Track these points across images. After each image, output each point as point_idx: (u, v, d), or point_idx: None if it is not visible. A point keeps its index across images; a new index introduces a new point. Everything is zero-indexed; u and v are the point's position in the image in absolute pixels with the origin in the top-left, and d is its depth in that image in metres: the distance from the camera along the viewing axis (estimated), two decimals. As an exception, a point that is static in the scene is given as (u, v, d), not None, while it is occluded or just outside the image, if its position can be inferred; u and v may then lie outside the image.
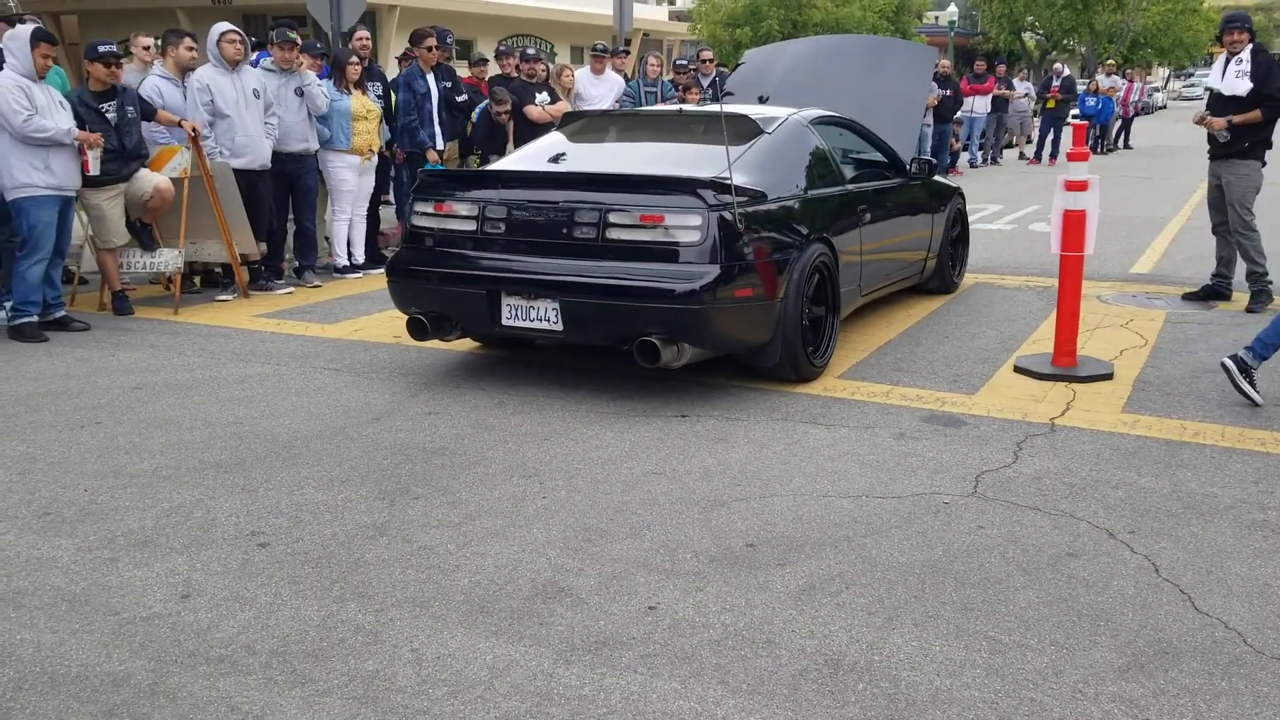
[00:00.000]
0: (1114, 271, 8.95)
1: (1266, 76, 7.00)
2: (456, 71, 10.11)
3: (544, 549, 3.54)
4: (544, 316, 5.13)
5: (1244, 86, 7.03)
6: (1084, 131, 6.41)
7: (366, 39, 9.24)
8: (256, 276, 8.03)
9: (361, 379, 5.65)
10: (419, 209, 5.54)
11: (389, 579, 3.33)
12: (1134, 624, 3.05)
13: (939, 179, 7.78)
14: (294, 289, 8.13)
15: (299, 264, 8.44)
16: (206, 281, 8.13)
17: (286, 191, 8.20)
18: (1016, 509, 3.89)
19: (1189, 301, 7.60)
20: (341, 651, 2.90)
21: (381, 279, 6.21)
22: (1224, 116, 7.16)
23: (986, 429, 4.80)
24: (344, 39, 10.19)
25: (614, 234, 5.02)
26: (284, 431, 4.77)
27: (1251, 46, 7.10)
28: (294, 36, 8.04)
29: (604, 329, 5.11)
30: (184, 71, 7.80)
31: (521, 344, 6.14)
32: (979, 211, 12.83)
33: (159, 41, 8.30)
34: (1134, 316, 7.14)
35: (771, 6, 33.46)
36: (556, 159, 5.94)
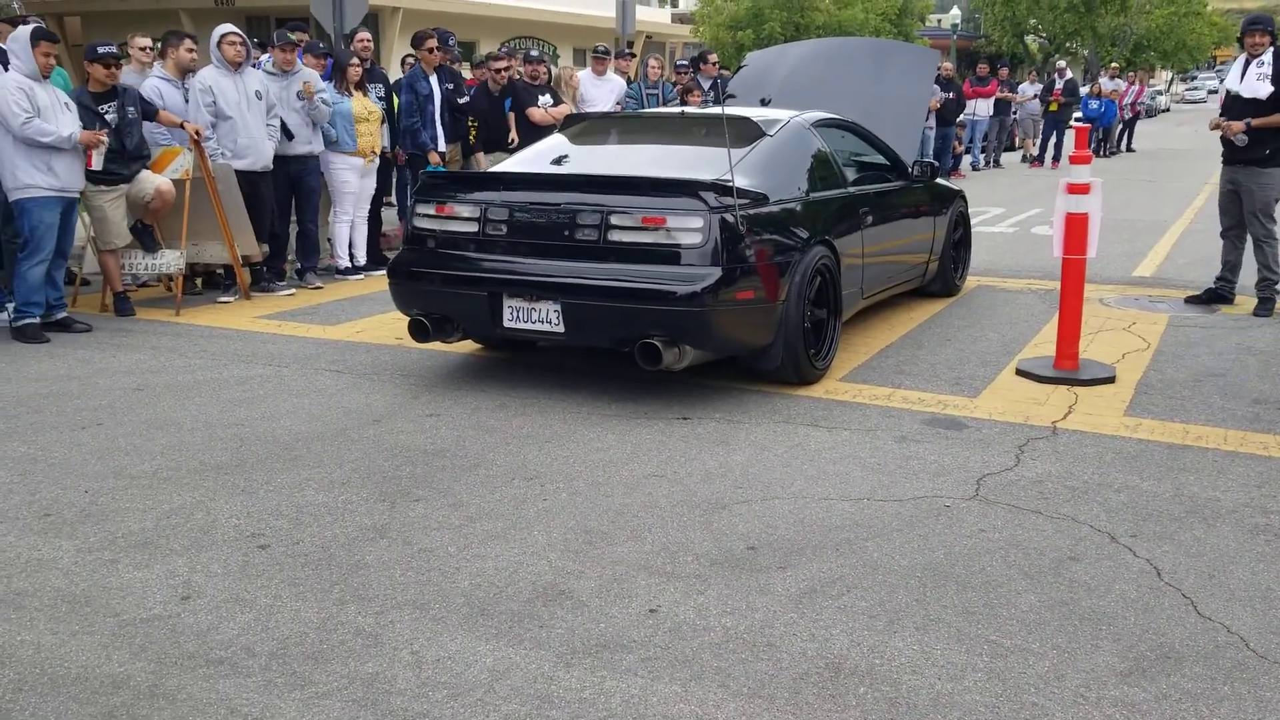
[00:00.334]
0: (1116, 275, 8.94)
1: None
2: (461, 74, 10.11)
3: (545, 551, 3.54)
4: (545, 318, 5.13)
5: (1265, 89, 6.97)
6: (1086, 134, 6.39)
7: (368, 40, 9.25)
8: (258, 278, 8.04)
9: (363, 381, 5.65)
10: (420, 211, 5.54)
11: (389, 581, 3.33)
12: (1136, 628, 3.04)
13: (941, 182, 7.77)
14: (295, 290, 8.13)
15: (301, 265, 8.45)
16: (208, 283, 8.14)
17: (289, 193, 8.21)
18: (1018, 512, 3.88)
19: (1192, 305, 7.59)
20: (341, 654, 2.90)
21: (383, 281, 6.21)
22: (1242, 119, 7.11)
23: (988, 432, 4.80)
24: (346, 40, 10.20)
25: (616, 236, 5.02)
26: (285, 433, 4.77)
27: (1273, 49, 7.06)
28: (294, 38, 8.04)
29: (605, 331, 5.11)
30: (184, 73, 7.81)
31: (523, 346, 6.14)
32: (981, 214, 12.81)
33: (158, 42, 8.30)
34: (1136, 320, 7.13)
35: (774, 9, 33.46)
36: (558, 161, 5.95)
